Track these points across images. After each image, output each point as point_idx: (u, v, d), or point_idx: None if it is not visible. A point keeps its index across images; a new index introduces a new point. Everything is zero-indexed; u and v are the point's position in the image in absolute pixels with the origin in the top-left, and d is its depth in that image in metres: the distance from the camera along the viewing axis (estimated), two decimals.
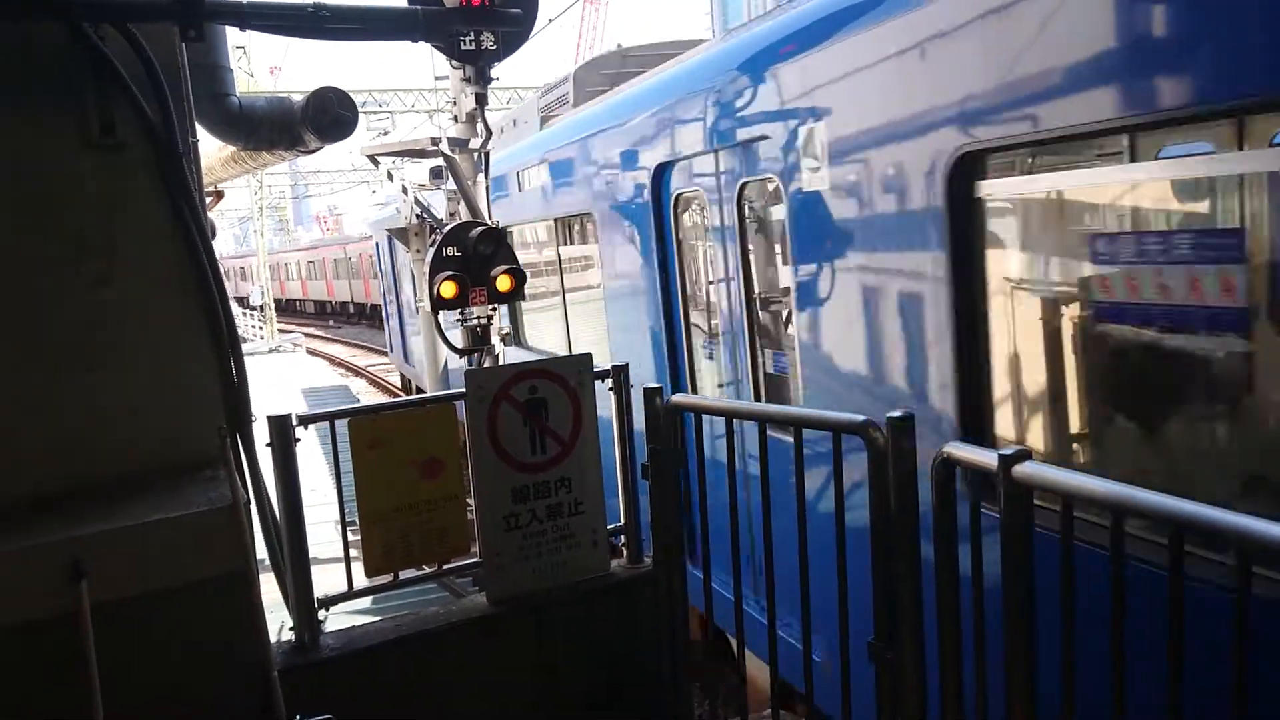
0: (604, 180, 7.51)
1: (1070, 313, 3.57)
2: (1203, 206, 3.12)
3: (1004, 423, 3.80)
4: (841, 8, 4.43)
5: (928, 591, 3.06)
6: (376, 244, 21.73)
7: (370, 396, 24.55)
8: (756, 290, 5.56)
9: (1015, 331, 3.74)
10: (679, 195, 6.28)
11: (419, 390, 16.68)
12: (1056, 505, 2.52)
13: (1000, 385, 3.76)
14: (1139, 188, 3.27)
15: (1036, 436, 3.75)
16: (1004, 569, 2.65)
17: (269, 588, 3.93)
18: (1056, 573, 2.50)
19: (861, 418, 3.20)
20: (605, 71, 9.41)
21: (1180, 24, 2.84)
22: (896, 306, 4.17)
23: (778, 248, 5.36)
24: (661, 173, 6.38)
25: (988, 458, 2.71)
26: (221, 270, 3.89)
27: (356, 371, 30.98)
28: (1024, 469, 2.57)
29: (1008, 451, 2.61)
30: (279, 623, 4.46)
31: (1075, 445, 3.71)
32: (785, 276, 5.20)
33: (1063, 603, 2.50)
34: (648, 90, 6.93)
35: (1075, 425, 3.68)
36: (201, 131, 4.93)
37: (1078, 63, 3.11)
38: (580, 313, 8.77)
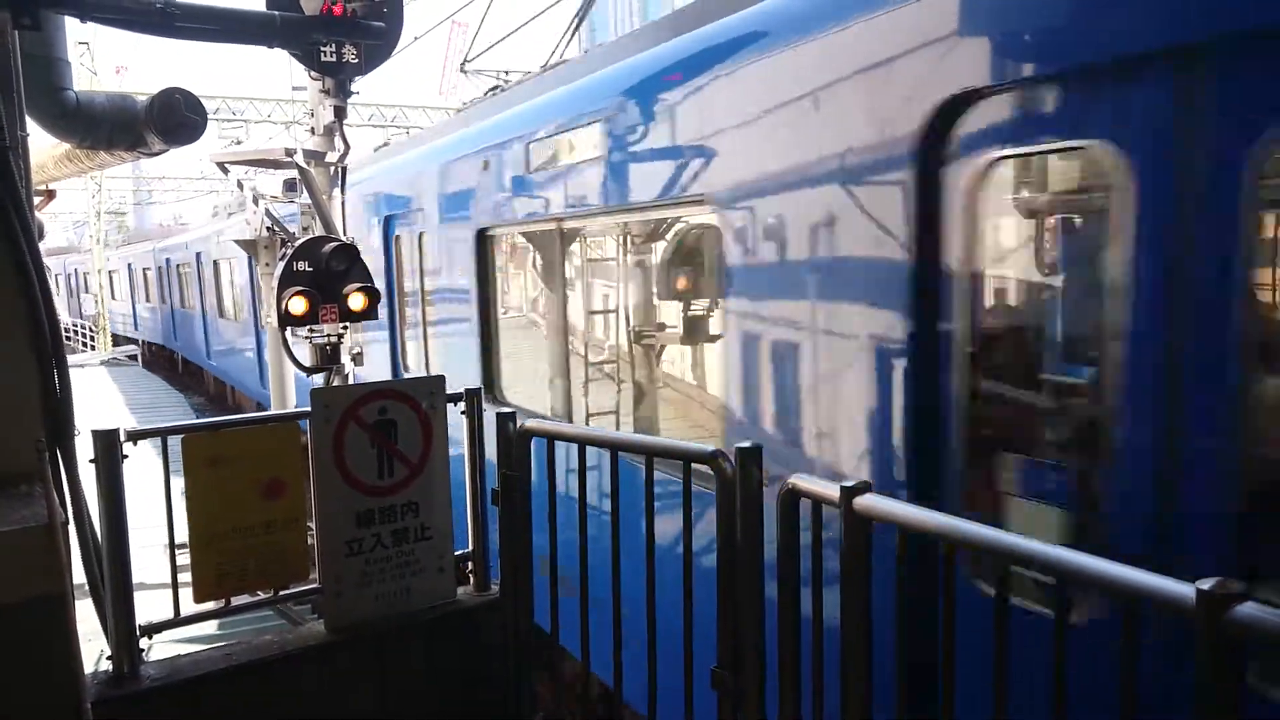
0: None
1: None
2: None
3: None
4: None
5: (773, 619, 3.11)
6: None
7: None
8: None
9: None
10: None
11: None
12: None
13: None
14: None
15: None
16: (843, 596, 2.73)
17: (88, 616, 3.69)
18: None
19: (711, 447, 3.25)
20: None
21: None
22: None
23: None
24: None
25: (830, 489, 2.79)
26: (48, 273, 3.66)
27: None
28: (864, 500, 2.66)
29: (849, 483, 2.70)
30: (99, 652, 4.18)
31: None
32: None
33: (897, 627, 2.59)
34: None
35: None
36: (33, 126, 4.64)
37: None
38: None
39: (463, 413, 4.62)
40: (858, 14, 3.48)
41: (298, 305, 6.82)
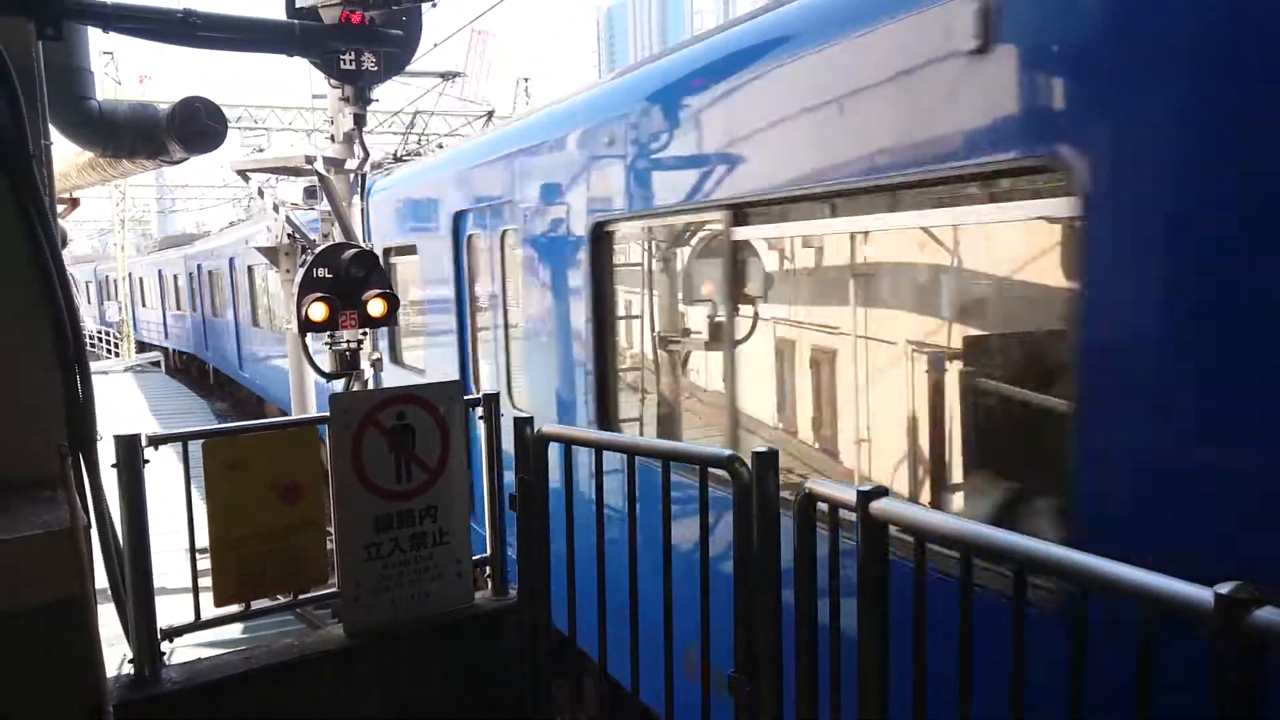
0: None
1: None
2: None
3: None
4: None
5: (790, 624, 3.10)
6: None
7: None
8: None
9: None
10: None
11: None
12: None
13: None
14: None
15: None
16: (859, 600, 2.72)
17: (111, 619, 3.72)
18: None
19: (728, 452, 3.24)
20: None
21: None
22: None
23: None
24: None
25: (847, 494, 2.78)
26: (70, 280, 3.70)
27: None
28: (880, 505, 2.65)
29: (866, 488, 2.69)
30: (120, 656, 4.22)
31: None
32: None
33: (915, 630, 2.58)
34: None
35: None
36: (57, 135, 4.70)
37: None
38: None
39: (481, 418, 4.64)
40: None
41: (318, 311, 6.86)
